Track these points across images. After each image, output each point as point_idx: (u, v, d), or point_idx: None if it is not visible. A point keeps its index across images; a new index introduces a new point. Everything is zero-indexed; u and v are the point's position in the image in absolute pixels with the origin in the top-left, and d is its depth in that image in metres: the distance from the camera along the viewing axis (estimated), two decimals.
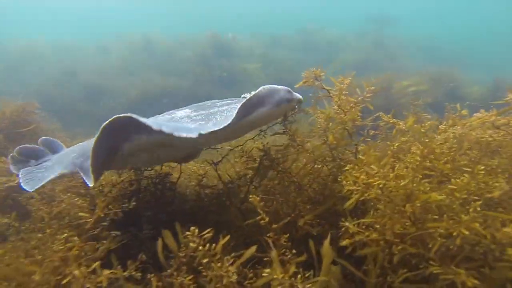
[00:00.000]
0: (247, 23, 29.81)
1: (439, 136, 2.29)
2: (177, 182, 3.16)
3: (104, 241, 2.11)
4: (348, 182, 1.83)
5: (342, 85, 2.72)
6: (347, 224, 1.81)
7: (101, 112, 12.89)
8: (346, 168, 1.87)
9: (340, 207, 2.30)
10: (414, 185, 1.65)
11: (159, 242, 1.97)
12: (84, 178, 2.23)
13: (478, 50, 24.22)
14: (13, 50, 17.57)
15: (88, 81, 14.32)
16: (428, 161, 1.84)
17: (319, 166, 2.59)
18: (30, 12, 41.75)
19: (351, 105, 2.64)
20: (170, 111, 2.67)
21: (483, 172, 1.58)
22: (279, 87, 2.17)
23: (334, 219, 2.31)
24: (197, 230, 1.89)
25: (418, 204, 1.62)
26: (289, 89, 2.28)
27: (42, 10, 44.12)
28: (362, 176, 1.76)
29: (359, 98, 2.66)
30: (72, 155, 2.72)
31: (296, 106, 2.59)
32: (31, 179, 2.76)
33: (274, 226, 2.07)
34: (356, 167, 1.83)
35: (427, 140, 1.88)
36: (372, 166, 1.74)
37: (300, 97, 2.41)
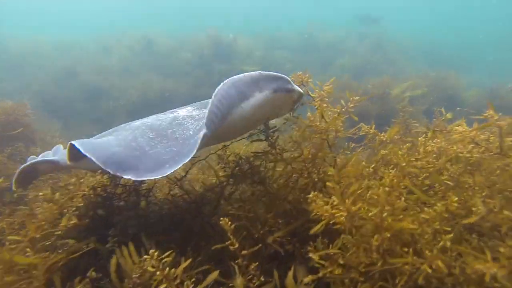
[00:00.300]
0: (246, 23, 29.77)
1: (421, 149, 2.16)
2: (152, 188, 3.04)
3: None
4: (316, 206, 1.71)
5: (322, 92, 2.60)
6: (310, 255, 1.70)
7: (101, 112, 12.87)
8: (310, 195, 1.74)
9: (313, 224, 2.18)
10: (385, 215, 1.51)
11: (113, 261, 1.84)
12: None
13: (480, 54, 23.98)
14: (14, 50, 17.59)
15: (88, 81, 14.32)
16: (403, 185, 1.71)
17: (296, 175, 2.46)
18: (31, 12, 41.88)
19: (335, 115, 2.51)
20: (172, 110, 2.57)
21: (456, 204, 1.44)
22: (279, 74, 2.04)
23: (306, 236, 2.19)
24: (156, 253, 1.76)
25: (388, 235, 1.50)
26: (290, 79, 2.14)
27: (42, 10, 44.28)
28: (325, 207, 1.64)
29: (343, 109, 2.53)
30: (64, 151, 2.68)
31: (296, 105, 2.48)
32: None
33: (244, 252, 1.97)
34: (321, 195, 1.71)
35: (403, 164, 1.74)
36: (333, 198, 1.63)
37: (301, 90, 2.27)
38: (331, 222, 1.71)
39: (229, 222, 1.91)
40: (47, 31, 22.41)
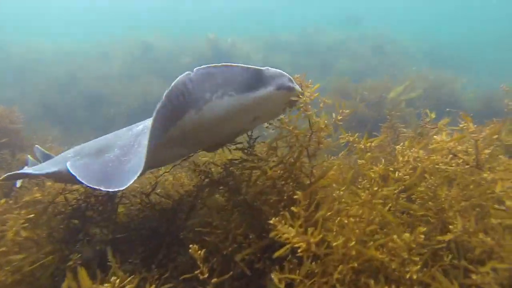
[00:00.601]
0: (245, 26, 29.77)
1: (399, 158, 2.03)
2: (122, 196, 2.92)
3: None
4: (278, 232, 1.59)
5: (305, 98, 2.46)
6: (272, 276, 1.58)
7: (101, 119, 12.83)
8: (271, 221, 1.63)
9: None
10: (352, 244, 1.40)
11: (64, 285, 1.73)
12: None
13: (482, 55, 23.67)
14: (15, 56, 17.67)
15: (89, 87, 14.32)
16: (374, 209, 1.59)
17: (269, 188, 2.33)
18: (31, 19, 42.07)
19: (321, 125, 2.37)
20: None
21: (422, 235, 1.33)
22: (283, 72, 2.03)
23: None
24: (118, 281, 1.66)
25: (356, 264, 1.39)
26: (291, 78, 2.11)
27: (42, 16, 44.50)
28: (285, 235, 1.53)
29: (333, 120, 2.40)
30: (68, 155, 2.51)
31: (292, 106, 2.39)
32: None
33: (214, 280, 1.86)
34: (286, 215, 1.60)
35: (376, 188, 1.62)
36: (289, 228, 1.52)
37: (300, 90, 2.21)
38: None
39: (199, 251, 1.80)
40: (47, 37, 22.49)
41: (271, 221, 1.60)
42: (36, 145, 3.80)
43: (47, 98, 13.80)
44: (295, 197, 1.73)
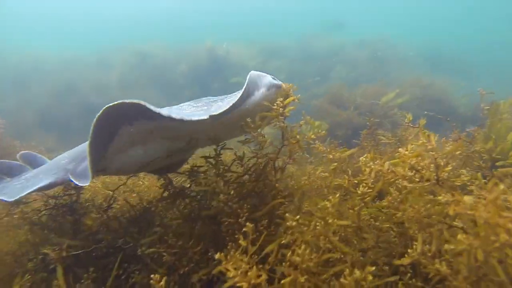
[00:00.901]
0: (243, 31, 29.82)
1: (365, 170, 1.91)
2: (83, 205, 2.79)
3: None
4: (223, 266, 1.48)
5: (276, 107, 2.34)
6: None
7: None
8: (216, 256, 1.52)
9: None
10: (302, 280, 1.30)
11: None
12: (76, 182, 1.99)
13: (484, 58, 23.45)
14: (13, 64, 17.70)
15: (87, 96, 14.30)
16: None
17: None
18: (29, 22, 42.30)
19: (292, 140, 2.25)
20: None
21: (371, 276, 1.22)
22: (265, 73, 2.14)
23: None
24: None
25: None
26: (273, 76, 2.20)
27: (43, 18, 44.72)
28: (229, 273, 1.42)
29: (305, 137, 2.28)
30: (62, 162, 2.42)
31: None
32: (8, 190, 2.42)
33: None
34: (231, 251, 1.49)
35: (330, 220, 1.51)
36: (229, 268, 1.41)
37: (283, 85, 2.25)
38: None
39: (161, 282, 1.67)
40: (45, 46, 22.61)
41: (216, 256, 1.49)
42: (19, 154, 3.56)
43: (44, 106, 13.79)
44: (244, 229, 1.61)
